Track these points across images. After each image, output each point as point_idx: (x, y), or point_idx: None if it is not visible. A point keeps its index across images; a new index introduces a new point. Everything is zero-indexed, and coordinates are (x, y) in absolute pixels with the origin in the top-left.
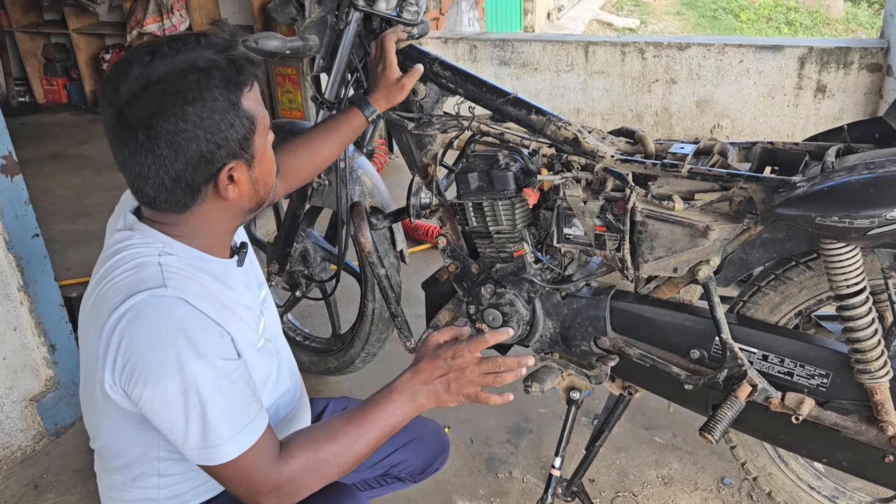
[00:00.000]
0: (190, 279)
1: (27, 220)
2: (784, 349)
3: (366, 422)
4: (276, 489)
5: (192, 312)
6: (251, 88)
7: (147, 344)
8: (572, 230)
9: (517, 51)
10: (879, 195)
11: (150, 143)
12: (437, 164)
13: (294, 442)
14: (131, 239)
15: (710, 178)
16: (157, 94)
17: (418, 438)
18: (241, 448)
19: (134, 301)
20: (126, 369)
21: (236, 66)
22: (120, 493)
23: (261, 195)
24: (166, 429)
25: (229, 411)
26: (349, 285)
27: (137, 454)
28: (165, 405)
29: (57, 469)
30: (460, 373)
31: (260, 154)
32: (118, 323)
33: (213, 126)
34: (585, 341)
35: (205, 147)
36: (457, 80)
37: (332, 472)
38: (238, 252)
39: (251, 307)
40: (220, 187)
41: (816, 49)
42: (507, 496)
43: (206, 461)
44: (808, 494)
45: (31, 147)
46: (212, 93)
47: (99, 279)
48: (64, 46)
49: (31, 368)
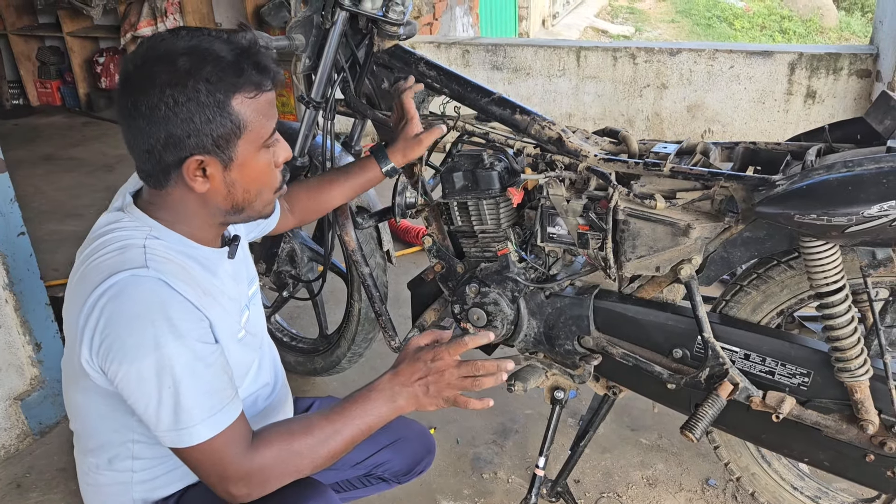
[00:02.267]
0: (173, 263)
1: (13, 217)
2: (766, 348)
3: (342, 418)
4: (246, 477)
5: (172, 294)
6: (255, 95)
7: (125, 322)
8: (556, 229)
9: (509, 55)
10: (857, 193)
11: (135, 112)
12: (422, 164)
13: (268, 432)
14: (120, 222)
15: (692, 176)
16: (149, 70)
17: (403, 439)
18: (212, 431)
19: (115, 279)
20: (104, 346)
21: (238, 67)
22: (95, 478)
23: (237, 200)
24: (140, 408)
25: (203, 394)
26: (339, 287)
27: (112, 435)
28: (140, 384)
29: (40, 468)
30: (439, 375)
31: (243, 161)
32: (98, 300)
33: (187, 115)
34: (569, 340)
35: (175, 132)
36: (442, 80)
37: (304, 465)
38: (230, 243)
39: (236, 298)
40: (186, 176)
41: (806, 55)
42: (492, 496)
43: (177, 443)
44: (791, 494)
45: (23, 149)
46: (196, 83)
47: (85, 258)
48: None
49: (16, 367)
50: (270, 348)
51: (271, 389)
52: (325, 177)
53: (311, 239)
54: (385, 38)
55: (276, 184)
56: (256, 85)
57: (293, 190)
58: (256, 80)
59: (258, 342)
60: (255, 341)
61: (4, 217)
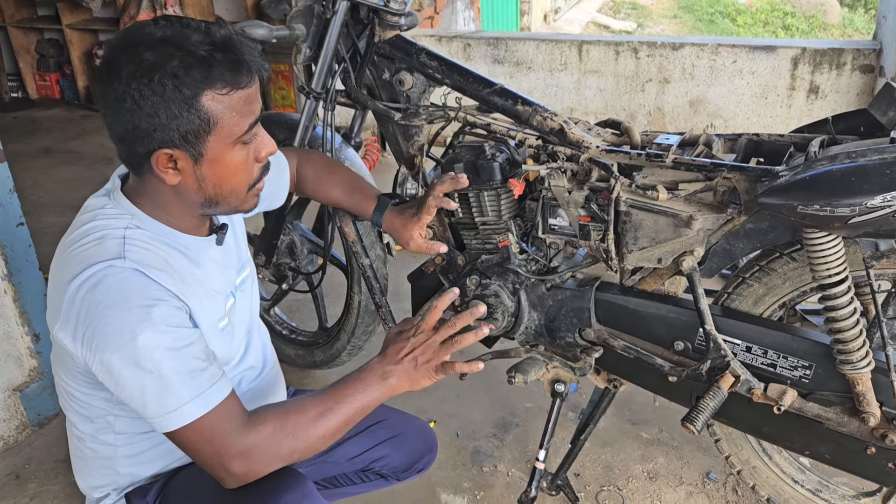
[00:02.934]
0: (151, 253)
1: (12, 208)
2: (767, 340)
3: (335, 399)
4: (243, 453)
5: (148, 283)
6: (227, 92)
7: (103, 313)
8: (557, 221)
9: (511, 49)
10: (861, 184)
11: (104, 98)
12: (423, 156)
13: (262, 411)
14: (104, 209)
15: (695, 167)
16: (118, 59)
17: (402, 435)
18: (202, 409)
19: (92, 271)
20: (85, 337)
21: (207, 64)
22: (82, 450)
23: (209, 195)
24: (126, 397)
25: (187, 375)
26: (339, 280)
27: (93, 409)
28: (122, 373)
29: (39, 459)
30: (423, 348)
31: (214, 157)
32: (77, 291)
33: (152, 108)
34: (570, 333)
35: (141, 124)
36: (443, 71)
37: (298, 445)
38: (217, 231)
39: (220, 286)
40: (156, 168)
41: (809, 50)
42: (492, 489)
43: (168, 426)
44: (792, 488)
45: (22, 142)
46: (163, 77)
47: (67, 244)
48: (57, 42)
49: (15, 358)
50: (260, 332)
51: (257, 372)
52: (333, 177)
53: (310, 231)
54: (386, 29)
55: (251, 179)
56: (227, 82)
57: (306, 160)
58: (228, 77)
59: (244, 330)
60: (241, 329)
61: (3, 207)
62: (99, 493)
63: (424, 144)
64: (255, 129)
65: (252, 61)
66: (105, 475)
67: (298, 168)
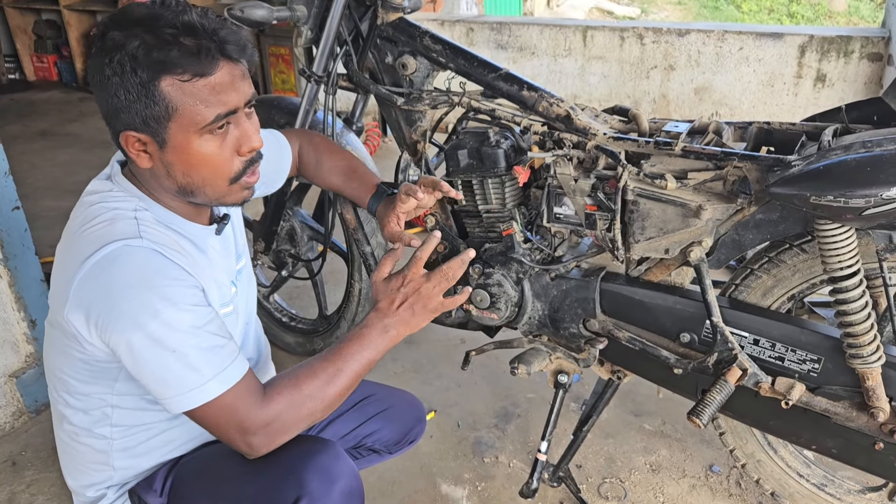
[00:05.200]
0: (163, 234)
1: (7, 192)
2: (776, 333)
3: (342, 357)
4: (264, 426)
5: (167, 262)
6: (189, 79)
7: (122, 292)
8: (563, 209)
9: (514, 34)
10: (876, 174)
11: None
12: (426, 141)
13: (276, 382)
14: (110, 192)
15: (704, 156)
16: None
17: (391, 408)
18: (223, 386)
19: (109, 249)
20: (102, 317)
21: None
22: (73, 446)
23: (180, 183)
24: (146, 377)
25: (208, 352)
26: (338, 267)
27: (91, 400)
28: (143, 352)
29: (36, 446)
30: (417, 295)
31: (178, 146)
32: (92, 270)
33: (114, 89)
34: (574, 323)
35: (109, 103)
36: (447, 55)
37: (316, 407)
38: (219, 221)
39: (224, 275)
40: (126, 149)
41: (817, 37)
42: (493, 480)
43: (190, 404)
44: (797, 482)
45: (20, 124)
46: (122, 57)
47: (75, 227)
48: (55, 23)
49: (11, 344)
50: (256, 324)
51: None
52: (334, 162)
53: (311, 217)
54: (389, 11)
55: (230, 173)
56: (188, 68)
57: (308, 142)
58: (189, 63)
59: (244, 318)
60: (241, 318)
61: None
62: (93, 491)
63: (427, 130)
64: (233, 121)
65: (229, 48)
66: (99, 471)
67: (300, 152)
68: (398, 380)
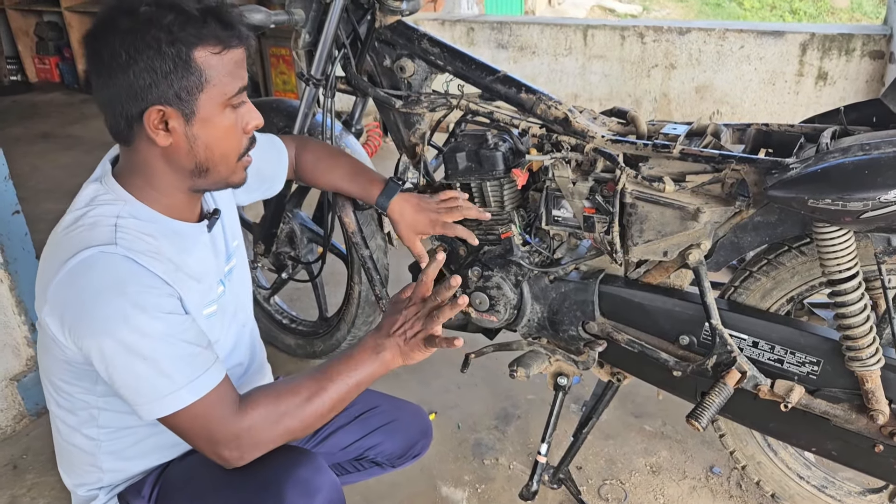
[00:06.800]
0: (142, 241)
1: (7, 195)
2: (775, 336)
3: (328, 377)
4: (235, 438)
5: (139, 269)
6: (220, 51)
7: (93, 298)
8: (561, 212)
9: (515, 34)
10: (874, 177)
11: (97, 58)
12: (425, 144)
13: (255, 394)
14: (97, 196)
15: (702, 159)
16: (112, 19)
17: (395, 422)
18: (195, 395)
19: (83, 256)
20: (74, 322)
21: (202, 21)
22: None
23: (200, 159)
24: (118, 382)
25: (180, 360)
26: (339, 270)
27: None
28: (115, 358)
29: (37, 449)
30: (413, 321)
31: (206, 116)
32: (67, 275)
33: (147, 63)
34: (573, 326)
35: (135, 81)
36: (445, 58)
37: (293, 425)
38: (209, 217)
39: (210, 272)
40: (148, 126)
41: (818, 35)
42: (493, 482)
43: (161, 411)
44: (798, 484)
45: (21, 126)
46: (158, 31)
47: (59, 231)
48: (56, 25)
49: (12, 347)
50: (252, 328)
51: (244, 370)
52: (336, 161)
53: (310, 220)
54: (387, 14)
55: (240, 149)
56: (220, 40)
57: (306, 146)
58: (221, 34)
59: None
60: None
61: None
62: (84, 491)
63: (426, 133)
64: (243, 98)
65: (242, 30)
66: (88, 472)
67: (297, 155)
68: (397, 381)
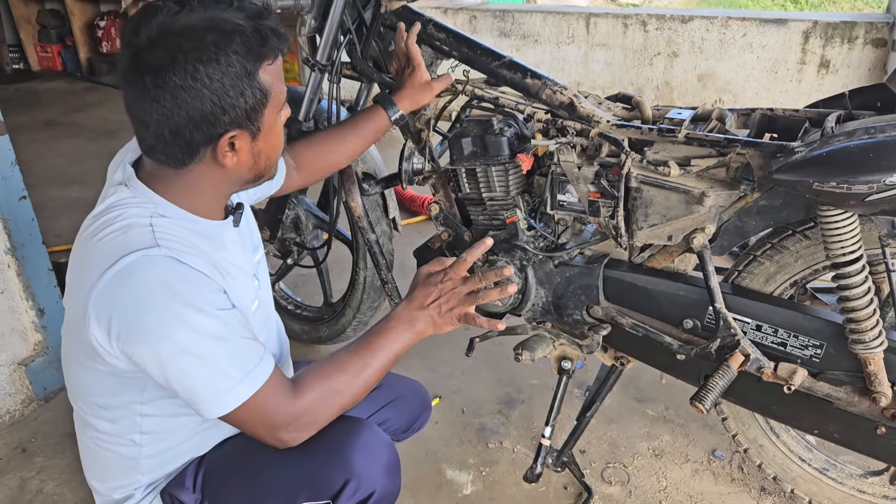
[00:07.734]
0: (181, 241)
1: (14, 181)
2: (778, 319)
3: (370, 351)
4: (294, 421)
5: (186, 269)
6: (273, 61)
7: (143, 303)
8: (566, 197)
9: (517, 22)
10: (879, 160)
11: (156, 91)
12: (430, 130)
13: (305, 377)
14: (124, 198)
15: (707, 143)
16: (173, 46)
17: (400, 398)
18: (253, 388)
19: (127, 261)
20: (123, 330)
21: (261, 36)
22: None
23: (260, 168)
24: (175, 385)
25: (235, 356)
26: (344, 255)
27: (119, 410)
28: (171, 362)
29: (45, 433)
30: (450, 295)
31: (268, 128)
32: (110, 283)
33: (222, 90)
34: (578, 310)
35: (209, 109)
36: (451, 43)
37: (344, 402)
38: (234, 212)
39: (246, 268)
40: (218, 153)
41: (821, 23)
42: (497, 465)
43: (221, 409)
44: (799, 466)
45: (24, 114)
46: (228, 57)
47: (89, 235)
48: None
49: (20, 332)
50: (277, 319)
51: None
52: (331, 133)
53: (315, 205)
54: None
55: (283, 144)
56: (279, 50)
57: (299, 147)
58: (277, 45)
59: (267, 312)
60: (265, 312)
61: (5, 181)
62: (119, 493)
63: (431, 118)
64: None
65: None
66: (127, 475)
67: (294, 154)
68: (403, 365)
